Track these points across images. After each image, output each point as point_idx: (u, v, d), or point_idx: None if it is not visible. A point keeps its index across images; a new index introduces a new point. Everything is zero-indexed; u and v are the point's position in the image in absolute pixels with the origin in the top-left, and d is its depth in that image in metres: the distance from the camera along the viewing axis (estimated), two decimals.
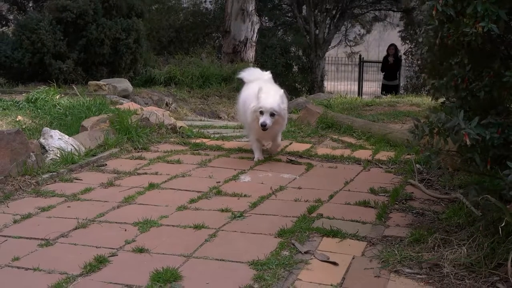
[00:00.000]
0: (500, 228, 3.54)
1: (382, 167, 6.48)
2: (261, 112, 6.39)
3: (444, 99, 4.44)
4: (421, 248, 4.02)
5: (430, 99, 4.70)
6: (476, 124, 3.58)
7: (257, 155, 6.87)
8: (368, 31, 27.78)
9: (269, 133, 6.67)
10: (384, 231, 4.45)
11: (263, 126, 6.34)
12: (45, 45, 13.31)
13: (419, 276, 3.66)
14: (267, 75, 7.51)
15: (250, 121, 6.65)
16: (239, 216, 4.77)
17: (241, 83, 7.68)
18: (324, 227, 4.45)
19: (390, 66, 18.54)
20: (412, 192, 5.44)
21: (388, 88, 17.69)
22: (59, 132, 6.79)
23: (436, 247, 3.98)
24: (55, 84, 10.34)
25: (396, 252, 3.96)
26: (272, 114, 6.38)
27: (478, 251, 3.73)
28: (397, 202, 5.18)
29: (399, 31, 26.00)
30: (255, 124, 6.54)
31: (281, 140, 7.26)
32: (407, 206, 5.07)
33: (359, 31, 27.67)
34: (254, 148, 6.96)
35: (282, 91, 6.75)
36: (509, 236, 3.63)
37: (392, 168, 6.42)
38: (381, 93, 17.14)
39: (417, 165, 6.07)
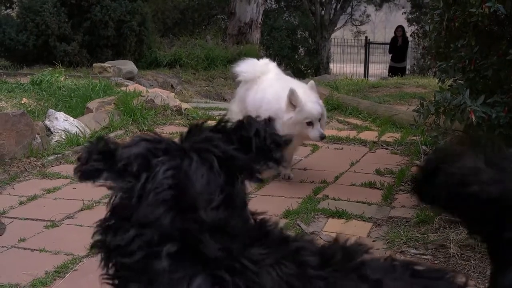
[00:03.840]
0: None
1: (388, 149, 6.45)
2: (309, 123, 5.03)
3: (451, 81, 4.42)
4: (426, 229, 4.01)
5: (436, 81, 4.67)
6: (482, 102, 3.55)
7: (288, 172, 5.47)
8: (380, 6, 27.51)
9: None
10: (390, 212, 4.44)
11: (322, 138, 5.22)
12: (50, 27, 13.26)
13: (424, 256, 3.66)
14: (273, 67, 5.80)
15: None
16: None
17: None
18: (329, 208, 4.45)
19: (398, 48, 18.43)
20: None
21: (396, 70, 17.58)
22: (64, 114, 6.78)
23: (441, 228, 3.98)
24: (60, 66, 10.31)
25: (402, 233, 3.96)
26: (319, 120, 5.11)
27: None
28: (402, 184, 5.16)
29: (404, 13, 25.84)
30: (293, 132, 4.99)
31: None
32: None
33: (365, 7, 27.47)
34: None
35: (311, 83, 5.38)
36: None
37: (398, 150, 6.40)
38: (388, 75, 17.07)
39: (423, 146, 6.04)
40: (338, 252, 1.42)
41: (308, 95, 5.08)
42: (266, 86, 5.44)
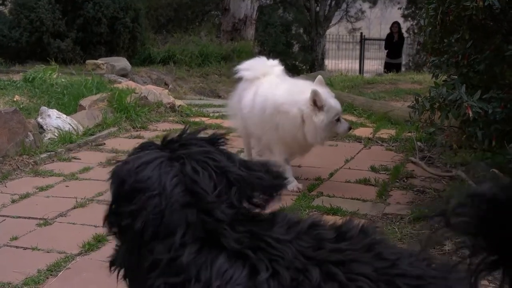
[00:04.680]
0: None
1: (383, 145, 6.44)
2: (338, 119, 4.84)
3: (446, 77, 4.40)
4: (421, 226, 3.99)
5: (431, 76, 4.66)
6: (478, 98, 3.53)
7: (296, 183, 5.06)
8: (374, 3, 27.51)
9: None
10: (385, 209, 4.42)
11: (350, 129, 5.06)
12: (44, 24, 13.20)
13: None
14: (277, 66, 5.43)
15: (316, 134, 4.77)
16: None
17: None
18: (324, 205, 4.43)
19: (393, 44, 18.41)
20: (413, 170, 5.41)
21: (391, 66, 17.56)
22: (57, 111, 6.74)
23: (436, 225, 3.95)
24: (53, 63, 10.26)
25: (397, 229, 3.94)
26: None
27: None
28: (397, 180, 5.14)
29: (399, 8, 25.84)
30: (326, 133, 4.84)
31: None
32: (408, 184, 5.04)
33: (360, 5, 27.46)
34: (288, 173, 4.99)
35: (319, 78, 5.12)
36: None
37: (393, 146, 6.39)
38: (384, 71, 17.05)
39: (418, 142, 6.03)
40: (353, 228, 1.55)
41: (325, 92, 4.85)
42: (269, 89, 5.04)
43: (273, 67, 5.38)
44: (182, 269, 1.46)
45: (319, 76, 5.10)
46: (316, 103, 4.65)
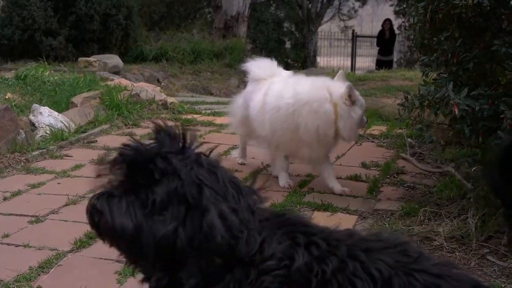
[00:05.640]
0: (491, 200, 3.55)
1: (374, 142, 6.47)
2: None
3: (435, 75, 4.43)
4: (412, 221, 4.03)
5: (421, 74, 4.68)
6: (465, 95, 3.56)
7: (287, 179, 5.05)
8: (364, 3, 27.53)
9: None
10: (375, 205, 4.46)
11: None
12: (36, 21, 13.16)
13: None
14: (285, 73, 5.33)
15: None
16: None
17: (234, 62, 6.40)
18: (315, 201, 4.46)
19: (385, 41, 18.44)
20: (404, 166, 5.44)
21: (383, 63, 17.60)
22: (49, 109, 6.74)
23: (426, 220, 3.99)
24: (45, 61, 10.24)
25: (387, 225, 3.98)
26: None
27: (468, 224, 3.73)
28: (388, 176, 5.18)
29: (391, 5, 25.87)
30: (358, 128, 4.87)
31: None
32: (399, 180, 5.07)
33: (353, 4, 27.47)
34: (284, 170, 5.07)
35: (341, 72, 5.10)
36: (500, 209, 3.63)
37: (384, 143, 6.42)
38: (375, 68, 17.09)
39: (408, 139, 6.07)
40: (383, 231, 1.70)
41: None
42: (284, 88, 4.86)
43: (281, 70, 5.30)
44: None
45: (341, 71, 5.10)
46: (351, 97, 4.58)
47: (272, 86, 4.97)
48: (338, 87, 4.67)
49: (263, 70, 5.23)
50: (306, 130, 4.64)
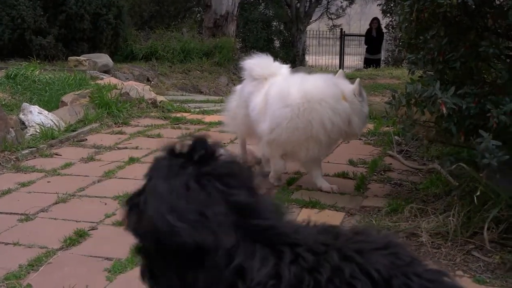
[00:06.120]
0: (475, 197, 3.59)
1: (361, 139, 6.50)
2: None
3: (421, 73, 4.47)
4: (398, 218, 4.07)
5: (408, 72, 4.72)
6: (452, 94, 3.61)
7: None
8: (351, 3, 27.57)
9: None
10: (362, 202, 4.50)
11: None
12: (26, 21, 13.10)
13: None
14: (284, 68, 5.18)
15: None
16: None
17: (224, 61, 6.22)
18: (303, 199, 4.50)
19: (373, 39, 18.50)
20: (391, 163, 5.49)
21: (371, 62, 17.68)
22: (39, 108, 6.75)
23: (413, 217, 4.04)
24: (35, 60, 10.23)
25: (374, 222, 4.01)
26: None
27: (454, 220, 3.78)
28: (375, 173, 5.23)
29: (379, 5, 25.91)
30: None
31: None
32: (386, 177, 5.12)
33: (341, 2, 27.50)
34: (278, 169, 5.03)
35: (341, 71, 5.19)
36: (485, 205, 3.68)
37: (371, 140, 6.47)
38: (363, 67, 17.15)
39: (395, 136, 6.11)
40: (370, 229, 1.70)
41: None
42: (290, 86, 4.71)
43: (281, 67, 5.14)
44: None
45: (341, 70, 5.11)
46: (361, 92, 4.62)
47: (274, 85, 4.82)
48: (346, 83, 4.69)
49: (262, 68, 5.05)
50: (321, 127, 4.53)
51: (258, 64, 5.09)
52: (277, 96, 4.69)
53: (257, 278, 1.51)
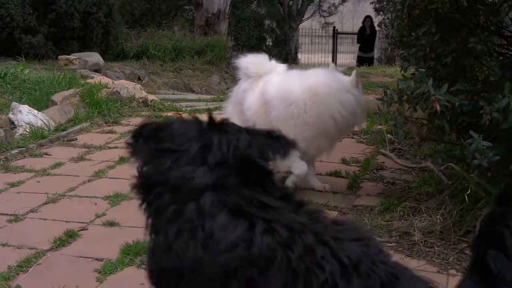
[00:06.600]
0: (466, 196, 3.58)
1: (354, 138, 6.49)
2: None
3: (413, 69, 4.45)
4: (391, 216, 4.06)
5: (400, 69, 4.70)
6: (445, 91, 3.58)
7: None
8: (344, 0, 27.59)
9: None
10: (355, 201, 4.48)
11: None
12: (14, 19, 13.03)
13: (389, 244, 3.69)
14: (280, 65, 5.08)
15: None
16: None
17: (215, 59, 6.08)
18: None
19: (366, 37, 18.50)
20: (383, 162, 5.47)
21: (364, 60, 17.66)
22: (28, 107, 6.70)
23: (405, 216, 4.02)
24: (24, 59, 10.18)
25: (367, 221, 4.00)
26: None
27: (447, 219, 3.77)
28: (368, 172, 5.21)
29: (371, 3, 25.95)
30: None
31: None
32: (378, 175, 5.10)
33: (334, 0, 27.52)
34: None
35: (333, 65, 5.18)
36: (477, 204, 3.67)
37: (364, 139, 6.45)
38: (356, 65, 17.14)
39: (388, 135, 6.08)
40: (348, 221, 1.88)
41: None
42: (290, 82, 4.66)
43: (276, 65, 5.03)
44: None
45: (332, 64, 5.10)
46: (358, 85, 4.61)
47: (270, 84, 4.73)
48: (343, 76, 4.69)
49: (257, 66, 4.96)
50: (331, 120, 4.49)
51: (253, 62, 5.00)
52: (278, 96, 4.60)
53: (229, 237, 1.66)
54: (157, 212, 1.86)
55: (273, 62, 5.08)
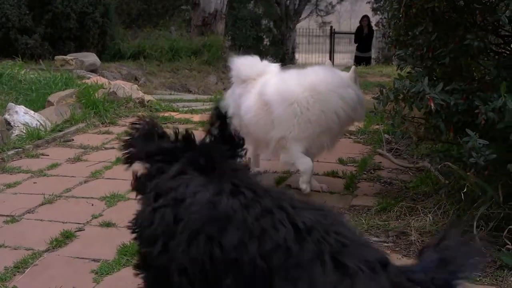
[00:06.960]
0: (463, 195, 3.58)
1: (351, 138, 6.48)
2: None
3: (410, 68, 4.45)
4: (388, 216, 4.05)
5: (396, 68, 4.69)
6: (440, 90, 3.58)
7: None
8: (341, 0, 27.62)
9: None
10: (352, 201, 4.47)
11: None
12: (10, 20, 13.03)
13: (386, 244, 3.69)
14: (273, 66, 5.00)
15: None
16: None
17: (212, 59, 6.11)
18: None
19: (363, 37, 18.50)
20: (380, 162, 5.47)
21: (361, 59, 17.66)
22: (24, 108, 6.68)
23: (402, 215, 4.02)
24: (20, 60, 10.16)
25: (364, 221, 3.99)
26: None
27: (444, 219, 3.77)
28: (365, 172, 5.20)
29: (368, 2, 25.95)
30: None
31: None
32: (375, 175, 5.10)
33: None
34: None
35: (329, 62, 5.21)
36: (474, 204, 3.67)
37: (361, 138, 6.44)
38: (353, 65, 17.13)
39: (385, 135, 6.07)
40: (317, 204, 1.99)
41: None
42: (288, 81, 4.61)
43: (269, 66, 4.96)
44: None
45: (328, 61, 5.12)
46: (356, 81, 4.63)
47: (268, 84, 4.66)
48: (341, 72, 4.72)
49: (249, 69, 4.89)
50: (335, 116, 4.47)
51: (245, 64, 4.93)
52: (278, 96, 4.55)
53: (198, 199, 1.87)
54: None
55: (265, 62, 5.02)
